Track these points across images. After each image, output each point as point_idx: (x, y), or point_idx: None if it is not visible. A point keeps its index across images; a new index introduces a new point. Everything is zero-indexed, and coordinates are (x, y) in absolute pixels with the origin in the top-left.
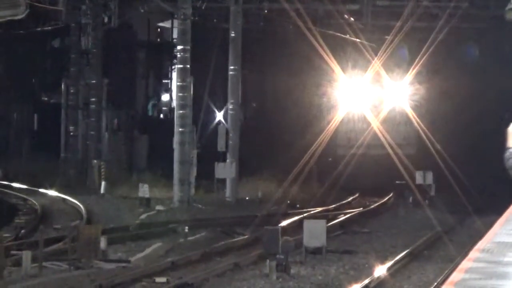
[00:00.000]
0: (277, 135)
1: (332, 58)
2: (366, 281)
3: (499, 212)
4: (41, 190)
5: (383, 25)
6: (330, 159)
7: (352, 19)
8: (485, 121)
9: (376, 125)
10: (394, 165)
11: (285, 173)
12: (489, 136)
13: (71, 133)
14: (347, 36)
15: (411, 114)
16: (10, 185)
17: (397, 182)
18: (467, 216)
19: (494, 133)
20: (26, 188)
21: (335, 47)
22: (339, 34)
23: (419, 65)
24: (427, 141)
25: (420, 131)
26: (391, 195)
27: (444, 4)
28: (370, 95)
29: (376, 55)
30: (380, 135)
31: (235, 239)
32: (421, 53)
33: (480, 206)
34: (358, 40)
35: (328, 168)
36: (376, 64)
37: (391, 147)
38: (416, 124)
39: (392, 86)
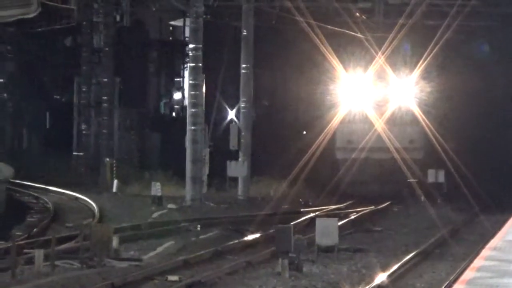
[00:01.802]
0: (289, 133)
1: (337, 56)
2: (379, 280)
3: (509, 211)
4: (53, 188)
5: (394, 23)
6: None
7: (364, 16)
8: (495, 120)
9: (379, 126)
10: (400, 170)
11: (297, 171)
12: (500, 135)
13: (83, 132)
14: (358, 34)
15: (419, 113)
16: (22, 183)
17: (409, 180)
18: (476, 217)
19: (505, 132)
20: (38, 187)
21: (344, 45)
22: (349, 32)
23: (426, 62)
24: (436, 144)
25: (429, 133)
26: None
27: (454, 2)
28: (374, 93)
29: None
30: (384, 137)
31: (247, 238)
32: (429, 50)
33: (489, 209)
34: (367, 36)
35: (328, 171)
36: (384, 60)
37: (397, 151)
38: (424, 125)
39: (398, 84)
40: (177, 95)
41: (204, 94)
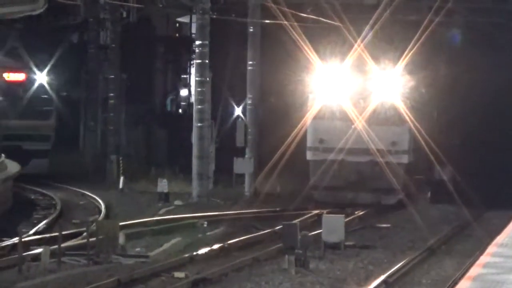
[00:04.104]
0: (295, 130)
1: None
2: (385, 276)
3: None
4: (60, 184)
5: (400, 20)
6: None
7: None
8: (494, 113)
9: (358, 125)
10: (381, 175)
11: (302, 167)
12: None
13: (90, 128)
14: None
15: (404, 110)
16: (29, 180)
17: (416, 176)
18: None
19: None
20: (44, 183)
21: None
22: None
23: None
24: (425, 147)
25: (417, 133)
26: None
27: None
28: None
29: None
30: (365, 137)
31: (254, 234)
32: (417, 41)
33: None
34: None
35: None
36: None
37: (378, 154)
38: (410, 124)
39: (382, 76)
40: (183, 92)
41: (210, 91)
